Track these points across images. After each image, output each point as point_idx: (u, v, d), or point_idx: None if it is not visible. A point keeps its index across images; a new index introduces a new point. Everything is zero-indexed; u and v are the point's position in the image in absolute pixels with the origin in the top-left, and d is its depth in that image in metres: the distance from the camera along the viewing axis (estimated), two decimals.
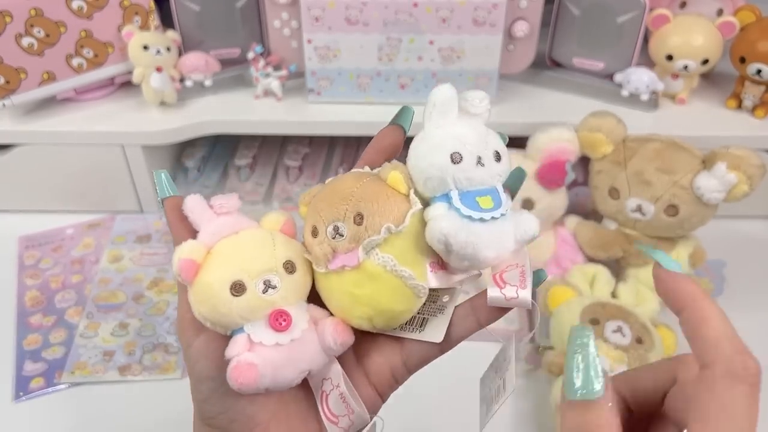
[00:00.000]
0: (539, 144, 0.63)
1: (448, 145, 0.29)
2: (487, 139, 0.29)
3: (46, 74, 0.68)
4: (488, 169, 0.29)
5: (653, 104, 0.70)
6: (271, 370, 0.29)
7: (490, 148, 0.29)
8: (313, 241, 0.30)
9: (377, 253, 0.29)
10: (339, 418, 0.31)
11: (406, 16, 0.64)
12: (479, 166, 0.29)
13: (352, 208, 0.29)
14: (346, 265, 0.29)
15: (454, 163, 0.28)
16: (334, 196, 0.30)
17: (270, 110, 0.72)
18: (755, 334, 0.66)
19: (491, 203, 0.29)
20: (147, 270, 0.69)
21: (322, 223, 0.30)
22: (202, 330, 0.30)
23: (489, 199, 0.29)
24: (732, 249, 0.70)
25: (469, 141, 0.29)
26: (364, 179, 0.30)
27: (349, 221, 0.29)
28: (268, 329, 0.29)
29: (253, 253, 0.30)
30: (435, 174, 0.29)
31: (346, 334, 0.30)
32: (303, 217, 0.32)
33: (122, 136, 0.70)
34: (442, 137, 0.29)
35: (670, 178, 0.59)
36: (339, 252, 0.29)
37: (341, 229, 0.29)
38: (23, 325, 0.63)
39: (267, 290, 0.30)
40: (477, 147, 0.29)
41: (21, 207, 0.76)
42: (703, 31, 0.68)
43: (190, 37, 0.73)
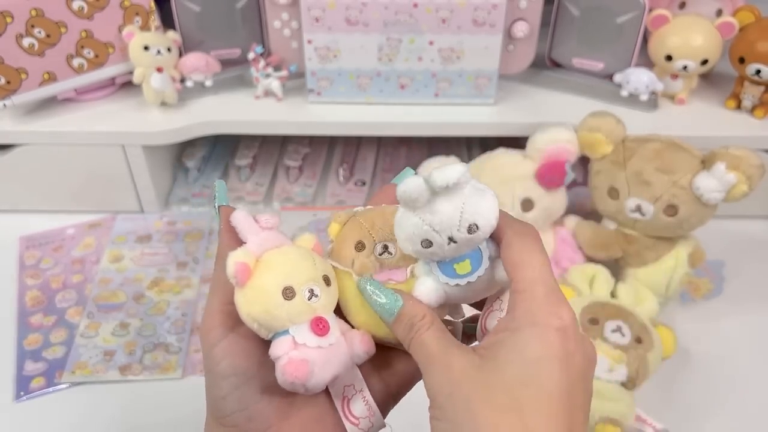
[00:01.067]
0: (539, 144, 0.63)
1: (417, 235, 0.29)
2: (461, 215, 0.29)
3: (46, 74, 0.68)
4: (460, 244, 0.30)
5: (653, 104, 0.71)
6: (318, 370, 0.32)
7: (464, 224, 0.29)
8: (358, 255, 0.33)
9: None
10: (360, 420, 0.33)
11: (406, 16, 0.64)
12: (451, 245, 0.29)
13: None
14: (392, 279, 0.32)
15: (425, 248, 0.30)
16: (388, 220, 0.33)
17: (270, 110, 0.72)
18: (754, 334, 0.66)
19: (468, 268, 0.30)
20: (147, 270, 0.69)
21: (371, 240, 0.33)
22: (230, 331, 0.32)
23: (467, 263, 0.30)
24: (731, 249, 0.70)
25: (436, 227, 0.29)
26: None
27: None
28: (310, 332, 0.32)
29: (299, 264, 0.33)
30: (416, 254, 0.30)
31: (371, 344, 0.33)
32: (331, 235, 0.35)
33: (123, 136, 0.70)
34: (412, 228, 0.29)
35: (669, 178, 0.59)
36: (385, 268, 0.33)
37: (391, 248, 0.33)
38: (24, 325, 0.63)
39: (311, 298, 0.32)
40: (447, 229, 0.29)
41: (22, 207, 0.76)
42: (703, 32, 0.68)
43: (191, 38, 0.73)
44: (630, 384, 0.50)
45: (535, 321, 0.27)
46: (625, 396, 0.50)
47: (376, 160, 0.85)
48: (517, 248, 0.29)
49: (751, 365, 0.60)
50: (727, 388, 0.58)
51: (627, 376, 0.50)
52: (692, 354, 0.60)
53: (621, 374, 0.50)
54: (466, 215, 0.29)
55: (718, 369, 0.59)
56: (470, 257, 0.30)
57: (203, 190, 0.80)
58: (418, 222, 0.29)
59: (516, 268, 0.28)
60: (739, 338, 0.62)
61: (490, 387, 0.26)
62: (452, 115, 0.70)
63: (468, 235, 0.29)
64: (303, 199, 0.78)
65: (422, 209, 0.29)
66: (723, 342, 0.61)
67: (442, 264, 0.31)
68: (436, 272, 0.31)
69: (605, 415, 0.49)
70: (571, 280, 0.60)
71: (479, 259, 0.30)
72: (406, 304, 0.30)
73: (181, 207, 0.78)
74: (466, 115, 0.70)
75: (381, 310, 0.31)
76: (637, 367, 0.50)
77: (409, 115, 0.70)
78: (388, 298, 0.31)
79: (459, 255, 0.30)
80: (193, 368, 0.59)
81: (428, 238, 0.29)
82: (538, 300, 0.27)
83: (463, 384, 0.27)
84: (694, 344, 0.61)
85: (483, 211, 0.29)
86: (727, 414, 0.56)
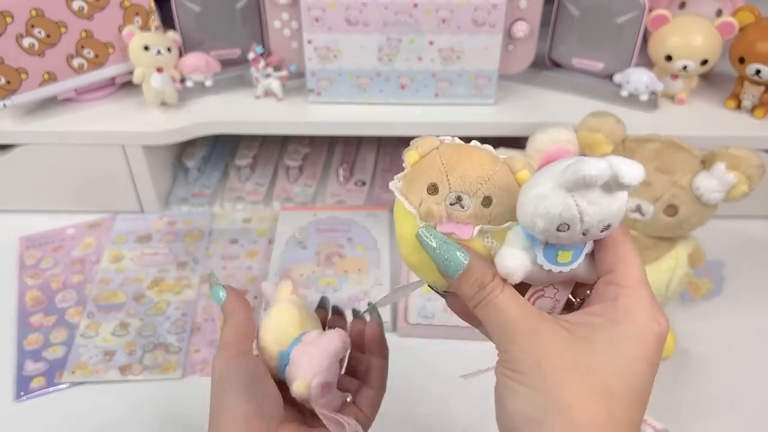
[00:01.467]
0: (539, 144, 0.63)
1: (561, 217, 0.27)
2: (612, 215, 0.28)
3: (46, 74, 0.68)
4: (587, 237, 0.29)
5: (652, 104, 0.71)
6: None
7: (605, 222, 0.28)
8: (429, 198, 0.31)
9: (488, 237, 0.31)
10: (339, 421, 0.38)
11: (406, 16, 0.64)
12: (581, 236, 0.28)
13: (485, 189, 0.31)
14: (456, 234, 0.31)
15: (558, 231, 0.28)
16: (469, 169, 0.31)
17: (270, 110, 0.72)
18: (754, 334, 0.66)
19: (569, 258, 0.30)
20: (147, 270, 0.69)
21: (446, 186, 0.31)
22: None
23: (569, 254, 0.30)
24: (731, 249, 0.70)
25: (586, 216, 0.27)
26: (498, 164, 0.31)
27: (477, 199, 0.31)
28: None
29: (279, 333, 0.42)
30: (534, 227, 0.28)
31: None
32: (408, 163, 0.33)
33: (123, 136, 0.70)
34: (561, 208, 0.27)
35: (669, 178, 0.59)
36: (452, 219, 0.31)
37: (465, 201, 0.31)
38: (24, 325, 0.63)
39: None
40: (592, 224, 0.28)
41: (22, 207, 0.76)
42: (703, 32, 0.68)
43: (191, 38, 0.73)
44: None
45: (637, 320, 0.28)
46: None
47: (376, 160, 0.85)
48: (622, 245, 0.30)
49: (751, 365, 0.60)
50: (727, 388, 0.58)
51: None
52: (692, 354, 0.60)
53: None
54: (609, 215, 0.28)
55: (717, 369, 0.59)
56: (573, 249, 0.30)
57: (203, 190, 0.80)
58: (571, 204, 0.27)
59: (620, 263, 0.29)
60: (739, 338, 0.62)
61: (584, 368, 0.28)
62: (452, 115, 0.70)
63: (600, 233, 0.28)
64: (303, 199, 0.78)
65: (584, 199, 0.27)
66: (723, 342, 0.61)
67: (548, 248, 0.29)
68: (537, 252, 0.29)
69: None
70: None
71: (580, 253, 0.30)
72: (474, 263, 0.30)
73: (181, 207, 0.78)
74: (466, 115, 0.70)
75: (444, 265, 0.30)
76: None
77: (409, 115, 0.70)
78: (452, 254, 0.30)
79: (568, 246, 0.29)
80: (193, 368, 0.59)
81: (570, 224, 0.27)
82: (644, 301, 0.29)
83: (554, 357, 0.28)
84: (694, 344, 0.61)
85: (619, 213, 0.28)
86: (727, 414, 0.56)
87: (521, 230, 0.30)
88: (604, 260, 0.30)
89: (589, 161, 0.26)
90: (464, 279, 0.30)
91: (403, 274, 0.68)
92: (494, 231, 0.31)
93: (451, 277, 0.30)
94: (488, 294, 0.30)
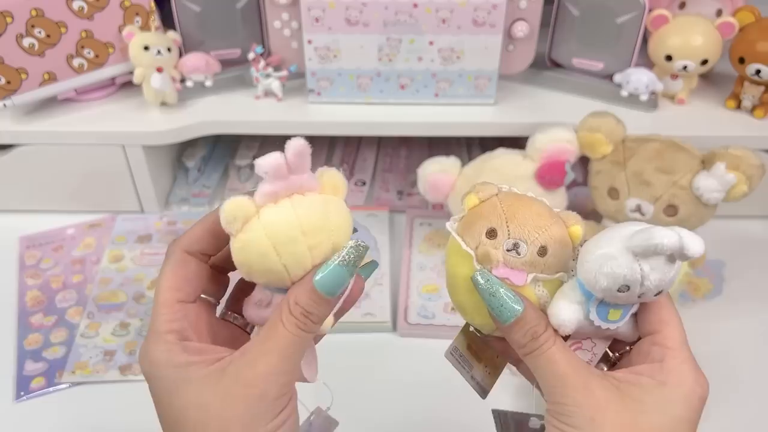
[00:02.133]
0: (539, 144, 0.63)
1: (624, 278, 0.29)
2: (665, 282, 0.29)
3: (46, 74, 0.68)
4: (642, 299, 0.30)
5: (652, 104, 0.71)
6: None
7: (660, 288, 0.30)
8: (488, 242, 0.32)
9: (540, 286, 0.32)
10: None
11: (406, 16, 0.65)
12: (636, 297, 0.30)
13: (542, 239, 0.32)
14: (510, 280, 0.31)
15: (618, 291, 0.30)
16: (529, 218, 0.32)
17: (270, 110, 0.72)
18: (754, 334, 0.66)
19: (618, 316, 0.31)
20: (148, 270, 0.69)
21: (506, 234, 0.32)
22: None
23: (619, 313, 0.31)
24: (731, 249, 0.70)
25: (647, 282, 0.29)
26: (554, 217, 0.33)
27: (533, 248, 0.31)
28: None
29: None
30: (596, 284, 0.30)
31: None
32: (467, 206, 0.34)
33: (123, 136, 0.70)
34: (626, 270, 0.29)
35: (669, 178, 0.59)
36: (508, 265, 0.31)
37: (522, 248, 0.31)
38: (24, 325, 0.63)
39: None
40: (648, 288, 0.29)
41: (22, 207, 0.76)
42: (703, 32, 0.68)
43: (191, 38, 0.73)
44: None
45: (683, 382, 0.30)
46: None
47: (376, 160, 0.85)
48: (666, 307, 0.32)
49: (751, 365, 0.60)
50: (727, 388, 0.58)
51: None
52: None
53: None
54: (666, 281, 0.29)
55: (717, 369, 0.59)
56: (623, 309, 0.31)
57: (203, 190, 0.80)
58: (636, 269, 0.29)
59: (665, 325, 0.31)
60: (738, 338, 0.62)
61: (634, 427, 0.29)
62: (452, 115, 0.70)
63: (653, 297, 0.30)
64: None
65: (648, 265, 0.29)
66: (723, 342, 0.61)
67: (601, 305, 0.31)
68: (591, 307, 0.31)
69: None
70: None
71: (628, 312, 0.31)
72: (528, 312, 0.30)
73: (182, 207, 0.78)
74: (466, 115, 0.70)
75: (498, 311, 0.31)
76: None
77: (409, 115, 0.70)
78: (507, 300, 0.30)
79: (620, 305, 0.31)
80: None
81: (631, 285, 0.29)
82: (689, 363, 0.31)
83: (608, 414, 0.29)
84: (694, 344, 0.60)
85: (673, 282, 0.30)
86: (727, 414, 0.56)
87: (578, 285, 0.31)
88: (649, 321, 0.31)
89: (661, 231, 0.28)
90: (517, 326, 0.31)
91: (403, 274, 0.68)
92: (546, 280, 0.32)
93: (504, 323, 0.31)
94: (541, 345, 0.30)
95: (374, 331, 0.62)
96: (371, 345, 0.61)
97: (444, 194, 0.66)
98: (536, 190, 0.63)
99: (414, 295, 0.65)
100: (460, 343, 0.38)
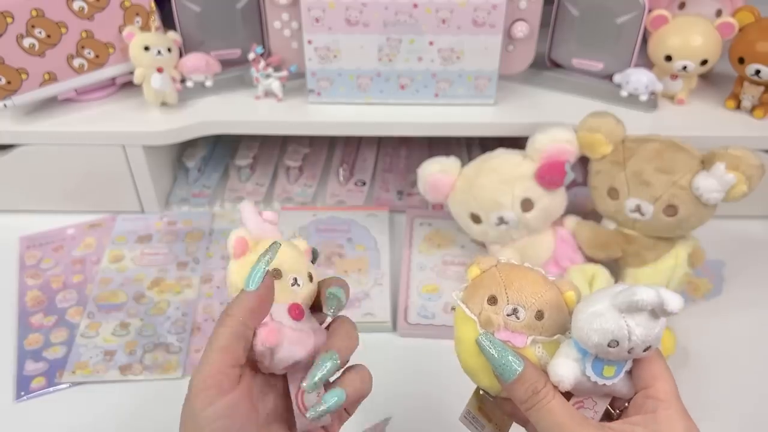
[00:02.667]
0: (539, 144, 0.63)
1: (612, 333, 0.32)
2: (653, 338, 0.32)
3: (47, 75, 0.68)
4: (631, 356, 0.33)
5: (652, 105, 0.71)
6: (287, 344, 0.36)
7: (647, 343, 0.32)
8: (489, 308, 0.36)
9: (540, 347, 0.35)
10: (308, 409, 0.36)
11: (406, 17, 0.65)
12: (626, 353, 0.33)
13: (538, 304, 0.35)
14: (511, 342, 0.35)
15: (608, 347, 0.32)
16: (525, 285, 0.36)
17: (270, 111, 0.72)
18: (754, 334, 0.66)
19: (612, 372, 0.34)
20: (148, 270, 0.69)
21: (505, 300, 0.36)
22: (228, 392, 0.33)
23: (613, 369, 0.34)
24: (731, 249, 0.71)
25: (633, 336, 0.32)
26: (549, 284, 0.36)
27: (531, 312, 0.35)
28: (286, 314, 0.37)
29: (290, 255, 0.38)
30: (588, 341, 0.33)
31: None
32: (469, 276, 0.38)
33: (123, 136, 0.70)
34: (614, 326, 0.32)
35: (669, 178, 0.59)
36: (508, 329, 0.35)
37: (520, 313, 0.35)
38: (24, 325, 0.63)
39: (294, 285, 0.37)
40: (638, 343, 0.32)
41: (22, 207, 0.76)
42: (702, 32, 0.68)
43: (191, 38, 0.73)
44: None
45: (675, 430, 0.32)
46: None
47: (376, 161, 0.85)
48: (657, 363, 0.34)
49: (750, 365, 0.60)
50: (727, 388, 0.58)
51: None
52: (691, 354, 0.60)
53: None
54: (651, 336, 0.32)
55: (717, 369, 0.59)
56: (617, 365, 0.34)
57: (203, 190, 0.80)
58: (623, 325, 0.32)
59: (656, 380, 0.34)
60: (738, 338, 0.62)
61: None
62: (452, 115, 0.70)
63: (642, 352, 0.33)
64: (303, 199, 0.79)
65: (633, 321, 0.32)
66: (722, 342, 0.62)
67: (596, 361, 0.34)
68: (586, 364, 0.34)
69: None
70: (570, 279, 0.60)
71: (621, 369, 0.34)
72: (528, 369, 0.34)
73: (182, 207, 0.78)
74: (466, 115, 0.70)
75: (500, 369, 0.34)
76: None
77: (409, 115, 0.70)
78: (509, 359, 0.34)
79: (614, 361, 0.34)
80: (193, 368, 0.59)
81: (619, 340, 0.32)
82: (679, 413, 0.33)
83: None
84: (694, 344, 0.61)
85: (659, 336, 0.33)
86: (727, 414, 0.56)
87: (574, 343, 0.34)
88: (642, 376, 0.34)
89: (642, 289, 0.31)
90: (519, 383, 0.34)
91: (403, 274, 0.68)
92: (545, 342, 0.35)
93: (506, 381, 0.34)
94: (541, 399, 0.33)
95: (374, 331, 0.62)
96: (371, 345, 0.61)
97: (444, 194, 0.66)
98: (536, 190, 0.63)
99: (414, 295, 0.65)
100: (472, 405, 0.41)
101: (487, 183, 0.63)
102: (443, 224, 0.74)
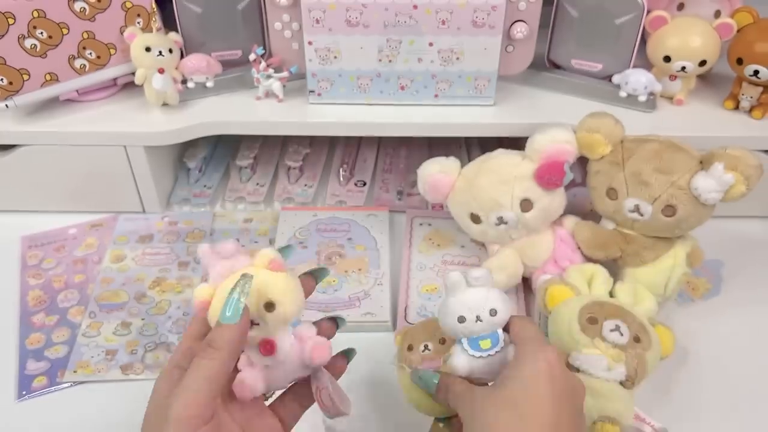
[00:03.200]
0: (538, 145, 0.63)
1: (455, 312, 0.44)
2: (486, 301, 0.43)
3: (48, 75, 0.68)
4: (485, 323, 0.43)
5: (651, 105, 0.71)
6: (265, 383, 0.40)
7: (488, 307, 0.43)
8: (410, 354, 0.51)
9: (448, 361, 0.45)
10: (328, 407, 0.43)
11: (406, 18, 0.65)
12: (478, 322, 0.43)
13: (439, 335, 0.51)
14: (431, 367, 0.47)
15: (460, 323, 0.43)
16: (426, 328, 0.52)
17: (271, 111, 0.72)
18: (753, 334, 0.66)
19: (489, 344, 0.43)
20: (149, 270, 0.69)
21: (419, 343, 0.51)
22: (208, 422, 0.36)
23: (489, 342, 0.43)
24: (729, 249, 0.71)
25: (469, 306, 0.43)
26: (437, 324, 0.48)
27: (435, 341, 0.51)
28: (258, 353, 0.40)
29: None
30: (450, 331, 0.45)
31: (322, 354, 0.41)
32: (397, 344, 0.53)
33: (125, 136, 0.70)
34: (452, 306, 0.44)
35: (667, 178, 0.59)
36: (426, 360, 0.50)
37: (429, 346, 0.51)
38: (26, 325, 0.63)
39: (253, 326, 0.40)
40: (476, 309, 0.43)
41: (24, 207, 0.77)
42: (701, 33, 0.68)
43: (192, 39, 0.73)
44: (628, 383, 0.50)
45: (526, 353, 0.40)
46: (623, 395, 0.50)
47: (377, 161, 0.85)
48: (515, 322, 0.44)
49: (749, 365, 0.60)
50: (726, 388, 0.58)
51: (625, 375, 0.50)
52: (690, 353, 0.60)
53: (619, 373, 0.50)
54: (489, 302, 0.43)
55: (716, 368, 0.60)
56: (491, 337, 0.43)
57: (204, 191, 0.80)
58: (456, 302, 0.44)
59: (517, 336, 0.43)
60: (737, 338, 0.62)
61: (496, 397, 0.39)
62: (452, 115, 0.70)
63: (493, 317, 0.43)
64: (303, 199, 0.79)
65: (460, 295, 0.43)
66: (721, 342, 0.62)
67: (472, 339, 0.43)
68: (466, 347, 0.43)
69: (604, 414, 0.49)
70: (569, 279, 0.60)
71: (497, 340, 0.43)
72: (441, 377, 0.44)
73: (183, 207, 0.78)
74: (465, 115, 0.70)
75: (425, 387, 0.45)
76: (636, 366, 0.50)
77: (408, 115, 0.70)
78: (428, 378, 0.45)
79: (484, 335, 0.43)
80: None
81: (463, 314, 0.43)
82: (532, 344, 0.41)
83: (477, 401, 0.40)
84: (693, 344, 0.61)
85: (500, 301, 0.44)
86: (726, 413, 0.56)
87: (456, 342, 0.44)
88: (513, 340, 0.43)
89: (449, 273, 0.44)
90: (438, 390, 0.44)
91: (403, 274, 0.68)
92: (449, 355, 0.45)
93: (432, 392, 0.45)
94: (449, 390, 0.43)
95: (374, 330, 0.63)
96: (371, 345, 0.61)
97: (444, 194, 0.66)
98: (535, 190, 0.63)
99: (414, 295, 0.65)
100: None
101: (486, 183, 0.63)
102: (443, 224, 0.74)
